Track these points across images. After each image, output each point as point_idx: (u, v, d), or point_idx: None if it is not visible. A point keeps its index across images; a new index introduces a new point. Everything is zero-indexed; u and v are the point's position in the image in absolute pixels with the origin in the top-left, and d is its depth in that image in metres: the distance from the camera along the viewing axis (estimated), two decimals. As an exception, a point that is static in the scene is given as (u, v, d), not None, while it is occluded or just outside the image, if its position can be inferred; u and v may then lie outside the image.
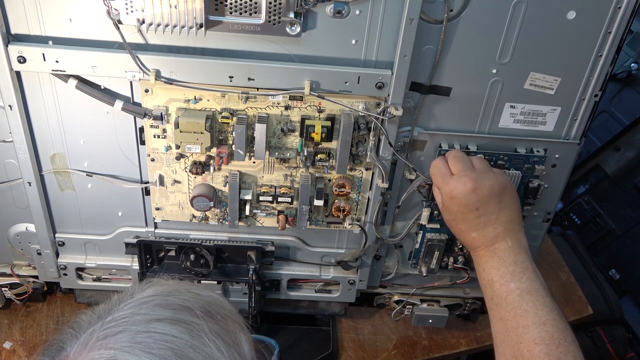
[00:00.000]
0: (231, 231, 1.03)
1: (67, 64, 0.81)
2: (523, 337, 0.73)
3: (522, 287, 0.76)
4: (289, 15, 0.79)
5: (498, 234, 0.81)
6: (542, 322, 0.73)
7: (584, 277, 1.55)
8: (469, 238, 0.83)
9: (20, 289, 1.11)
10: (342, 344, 1.16)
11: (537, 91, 0.89)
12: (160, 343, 0.51)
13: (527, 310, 0.74)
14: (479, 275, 0.82)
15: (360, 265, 1.05)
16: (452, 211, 0.83)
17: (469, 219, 0.81)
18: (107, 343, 0.51)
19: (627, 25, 0.83)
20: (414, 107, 0.89)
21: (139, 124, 0.90)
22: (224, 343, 0.55)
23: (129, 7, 0.78)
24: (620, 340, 1.55)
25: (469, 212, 0.81)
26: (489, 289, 0.79)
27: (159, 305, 0.55)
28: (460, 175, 0.82)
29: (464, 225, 0.82)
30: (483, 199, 0.80)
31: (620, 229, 1.79)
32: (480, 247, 0.82)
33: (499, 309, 0.77)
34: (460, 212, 0.82)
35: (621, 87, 1.91)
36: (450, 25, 0.82)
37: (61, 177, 0.95)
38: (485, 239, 0.81)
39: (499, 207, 0.81)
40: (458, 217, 0.82)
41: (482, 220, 0.81)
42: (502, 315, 0.76)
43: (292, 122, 0.89)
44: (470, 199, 0.80)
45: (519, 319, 0.74)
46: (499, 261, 0.79)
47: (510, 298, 0.76)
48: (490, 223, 0.81)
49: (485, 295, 0.81)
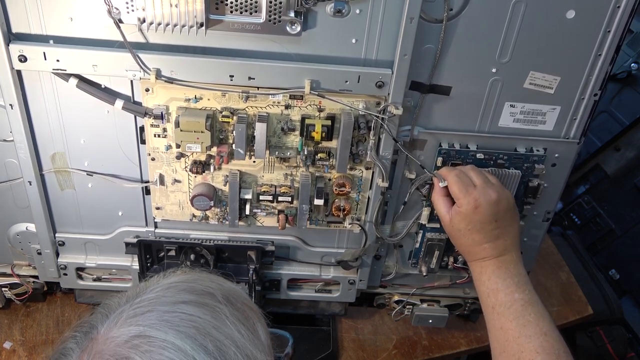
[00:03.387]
0: (231, 231, 1.03)
1: (67, 63, 0.82)
2: (525, 347, 0.75)
3: (525, 298, 0.79)
4: (289, 14, 0.79)
5: (507, 246, 0.83)
6: (544, 332, 0.76)
7: (584, 277, 1.55)
8: (479, 248, 0.84)
9: (20, 289, 1.11)
10: (342, 344, 1.16)
11: (536, 90, 0.89)
12: (185, 322, 0.54)
13: (529, 321, 0.77)
14: (481, 284, 0.84)
15: (360, 265, 1.05)
16: (472, 221, 0.83)
17: (486, 230, 0.83)
18: (137, 320, 0.54)
19: (627, 24, 0.83)
20: (414, 106, 0.89)
21: (140, 123, 0.90)
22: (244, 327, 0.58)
23: (129, 6, 0.78)
24: (620, 340, 1.55)
25: (489, 223, 0.83)
26: (492, 298, 0.81)
27: (185, 290, 0.59)
28: (484, 186, 0.84)
29: (479, 235, 0.83)
30: (501, 212, 0.83)
31: (620, 229, 1.79)
32: (488, 257, 0.83)
33: (500, 317, 0.79)
34: (481, 222, 0.83)
35: (621, 87, 1.91)
36: (450, 25, 0.82)
37: (61, 177, 0.95)
38: (495, 251, 0.83)
39: (511, 221, 0.85)
40: (477, 227, 0.83)
41: (496, 233, 0.83)
42: (504, 324, 0.78)
43: (293, 121, 0.90)
44: (493, 210, 0.83)
45: (522, 329, 0.76)
46: (506, 272, 0.82)
47: (514, 308, 0.78)
48: (503, 235, 0.83)
49: (485, 304, 0.82)
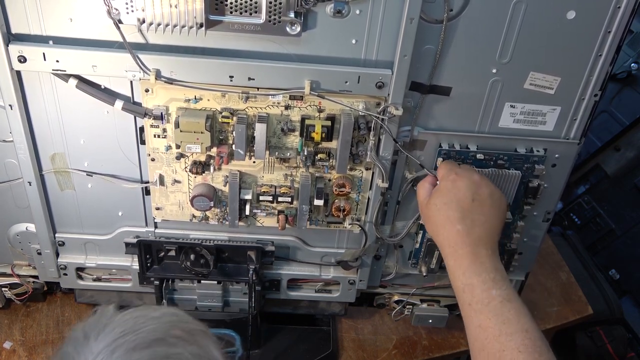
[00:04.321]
0: (231, 231, 1.03)
1: (67, 64, 0.81)
2: (506, 345, 0.72)
3: (503, 294, 0.75)
4: (289, 14, 0.79)
5: (481, 237, 0.80)
6: (525, 329, 0.72)
7: (584, 277, 1.55)
8: (453, 230, 0.81)
9: (20, 289, 1.11)
10: (342, 344, 1.16)
11: (537, 91, 0.89)
12: None
13: (509, 318, 0.73)
14: (456, 279, 0.80)
15: (360, 265, 1.05)
16: (449, 194, 0.82)
17: (463, 208, 0.81)
18: None
19: (627, 24, 0.83)
20: (414, 106, 0.89)
21: (139, 124, 0.90)
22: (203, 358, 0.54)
23: (129, 6, 0.78)
24: (620, 340, 1.55)
25: (466, 199, 0.81)
26: (467, 294, 0.77)
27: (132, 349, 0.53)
28: (469, 169, 0.87)
29: (454, 213, 0.81)
30: (482, 195, 0.82)
31: (620, 229, 1.79)
32: (460, 245, 0.80)
33: (478, 315, 0.75)
34: (457, 198, 0.82)
35: (621, 87, 1.91)
36: (450, 25, 0.82)
37: (61, 177, 0.95)
38: (469, 238, 0.80)
39: (491, 212, 0.82)
40: (453, 203, 0.82)
41: (473, 217, 0.81)
42: (482, 322, 0.74)
43: (292, 122, 0.89)
44: (472, 189, 0.82)
45: (502, 326, 0.73)
46: (481, 266, 0.78)
47: (493, 305, 0.75)
48: (479, 223, 0.81)
49: (461, 300, 0.78)
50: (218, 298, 1.09)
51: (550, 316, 1.28)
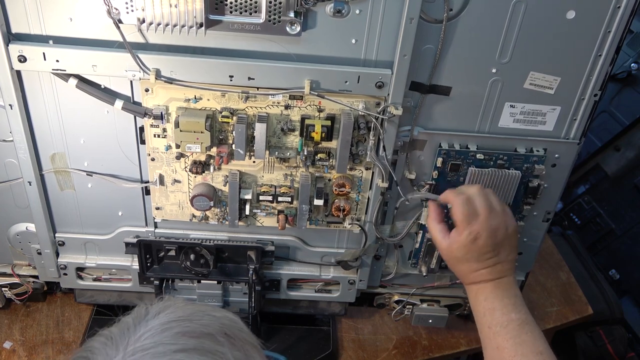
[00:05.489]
0: (231, 231, 1.03)
1: (67, 63, 0.82)
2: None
3: (521, 317, 0.80)
4: (289, 14, 0.79)
5: (505, 270, 0.84)
6: (539, 351, 0.77)
7: (584, 277, 1.55)
8: (476, 274, 0.84)
9: (20, 288, 1.11)
10: (342, 344, 1.16)
11: (536, 91, 0.89)
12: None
13: (525, 340, 0.78)
14: (477, 304, 0.84)
15: (360, 265, 1.05)
16: (470, 250, 0.83)
17: (484, 259, 0.83)
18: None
19: (627, 24, 0.83)
20: (414, 106, 0.89)
21: (139, 124, 0.90)
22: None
23: (129, 6, 0.78)
24: (620, 340, 1.54)
25: (487, 253, 0.82)
26: (488, 317, 0.81)
27: (181, 334, 0.54)
28: (487, 217, 0.82)
29: (476, 264, 0.83)
30: (501, 242, 0.83)
31: (620, 229, 1.79)
32: (485, 281, 0.84)
33: (496, 337, 0.79)
34: (479, 252, 0.83)
35: (621, 87, 1.91)
36: (450, 25, 0.82)
37: (61, 177, 0.95)
38: (492, 275, 0.83)
39: (510, 248, 0.84)
40: (474, 257, 0.83)
41: (494, 260, 0.83)
42: (500, 343, 0.79)
43: (292, 122, 0.89)
44: (492, 242, 0.82)
45: (518, 348, 0.77)
46: (503, 292, 0.82)
47: (511, 327, 0.79)
48: (501, 262, 0.83)
49: (481, 323, 0.82)
50: (218, 298, 1.09)
51: (550, 316, 1.28)
